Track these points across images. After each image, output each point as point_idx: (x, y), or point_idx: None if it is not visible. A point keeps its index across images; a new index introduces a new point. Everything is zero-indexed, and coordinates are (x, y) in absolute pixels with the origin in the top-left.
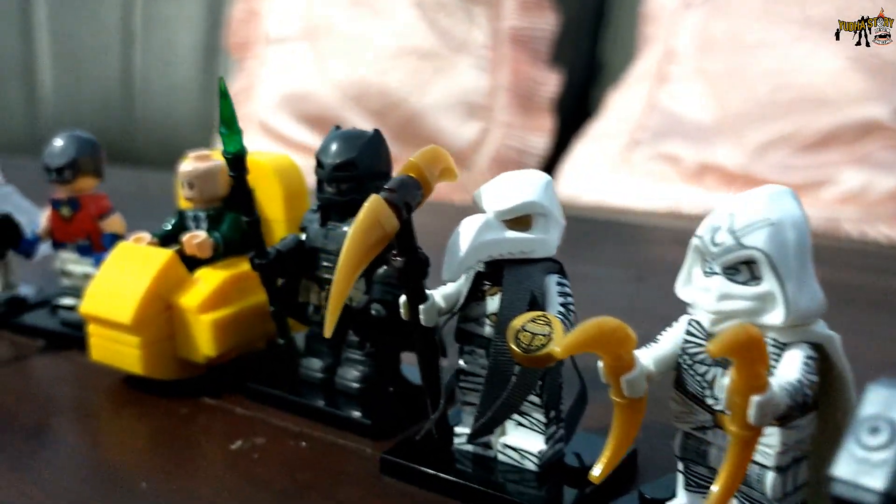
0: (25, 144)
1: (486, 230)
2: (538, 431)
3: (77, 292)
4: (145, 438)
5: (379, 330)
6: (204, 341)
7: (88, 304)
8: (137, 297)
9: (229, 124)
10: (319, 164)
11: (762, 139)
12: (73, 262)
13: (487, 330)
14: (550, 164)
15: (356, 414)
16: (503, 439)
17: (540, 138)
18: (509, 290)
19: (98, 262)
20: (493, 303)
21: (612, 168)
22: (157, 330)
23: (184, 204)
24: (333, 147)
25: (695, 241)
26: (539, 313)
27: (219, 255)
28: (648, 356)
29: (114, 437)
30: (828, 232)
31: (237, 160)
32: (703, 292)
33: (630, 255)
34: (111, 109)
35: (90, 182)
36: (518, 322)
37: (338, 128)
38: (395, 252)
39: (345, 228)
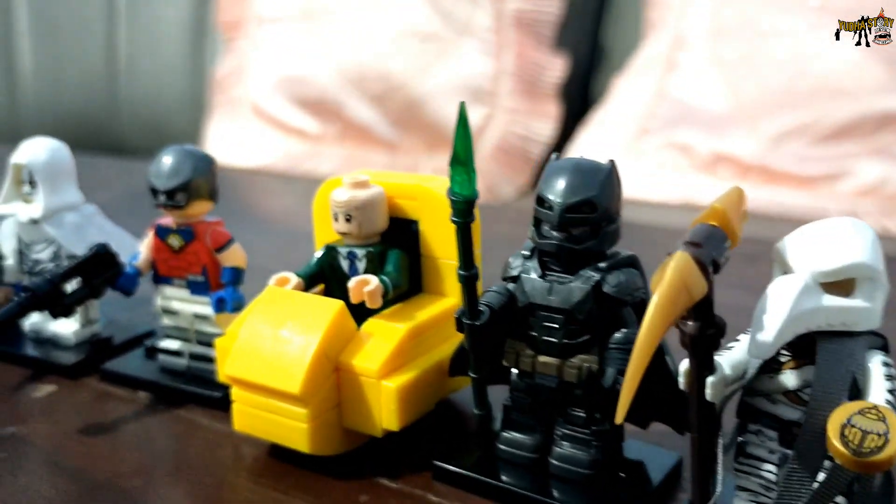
0: (4, 131)
1: (805, 297)
2: None
3: (184, 334)
4: None
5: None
6: (387, 412)
7: (236, 367)
8: (306, 360)
9: (465, 161)
10: (541, 203)
11: (778, 129)
12: (181, 301)
13: (781, 410)
14: (557, 151)
15: None
16: None
17: (545, 125)
18: (825, 371)
19: (217, 303)
20: (790, 378)
21: (621, 157)
22: (325, 399)
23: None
24: (564, 182)
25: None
26: (868, 404)
27: (386, 302)
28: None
29: None
30: None
31: (468, 205)
32: None
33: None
34: (94, 92)
35: (205, 207)
36: (842, 414)
37: (556, 156)
38: (685, 315)
39: (576, 283)
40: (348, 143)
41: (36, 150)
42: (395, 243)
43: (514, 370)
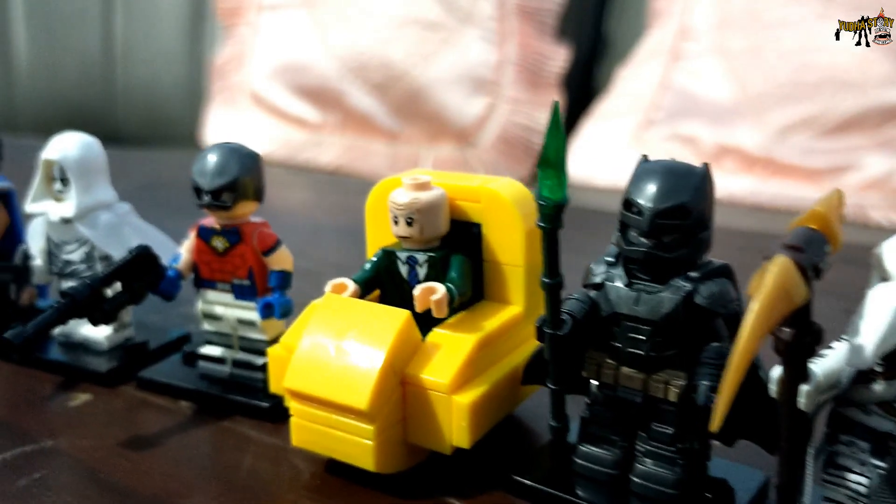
0: (1, 118)
1: None
2: None
3: (226, 340)
4: None
5: (705, 421)
6: (457, 429)
7: (296, 379)
8: (373, 374)
9: (557, 163)
10: (629, 207)
11: (784, 121)
12: (224, 306)
13: (876, 421)
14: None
15: None
16: None
17: (548, 115)
18: None
19: (264, 309)
20: (886, 388)
21: (626, 148)
22: (390, 414)
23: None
24: (655, 186)
25: None
26: None
27: (451, 310)
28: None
29: None
30: (856, 220)
31: (557, 210)
32: None
33: None
34: (90, 80)
35: (251, 207)
36: None
37: (645, 157)
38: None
39: (665, 293)
40: (349, 132)
41: (67, 146)
42: (456, 247)
43: (595, 382)
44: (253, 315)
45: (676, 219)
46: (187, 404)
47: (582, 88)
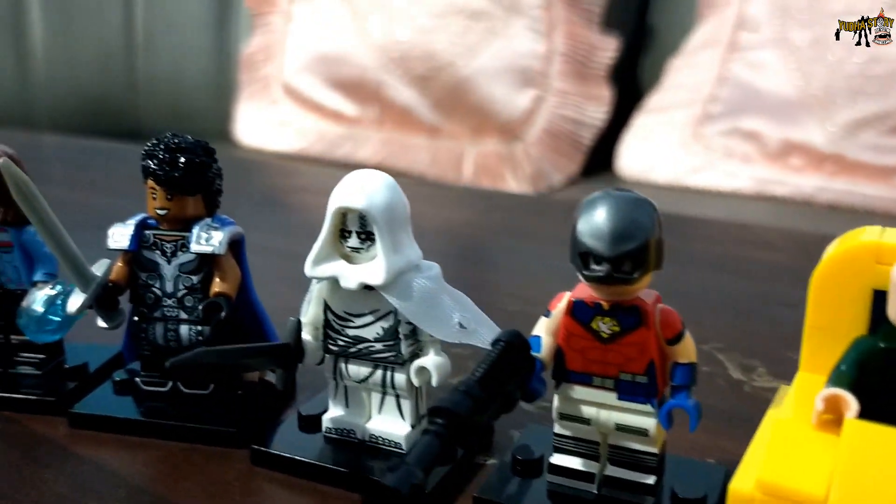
0: (15, 115)
1: None
2: None
3: (590, 450)
4: None
5: None
6: None
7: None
8: None
9: None
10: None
11: (852, 117)
12: (599, 407)
13: None
14: (607, 137)
15: None
16: None
17: (598, 109)
18: None
19: (667, 417)
20: None
21: (683, 143)
22: None
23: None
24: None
25: None
26: None
27: None
28: None
29: None
30: None
31: None
32: None
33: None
34: (110, 72)
35: (649, 278)
36: None
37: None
38: None
39: None
40: (387, 126)
41: (372, 190)
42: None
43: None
44: (643, 421)
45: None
46: None
47: (627, 81)
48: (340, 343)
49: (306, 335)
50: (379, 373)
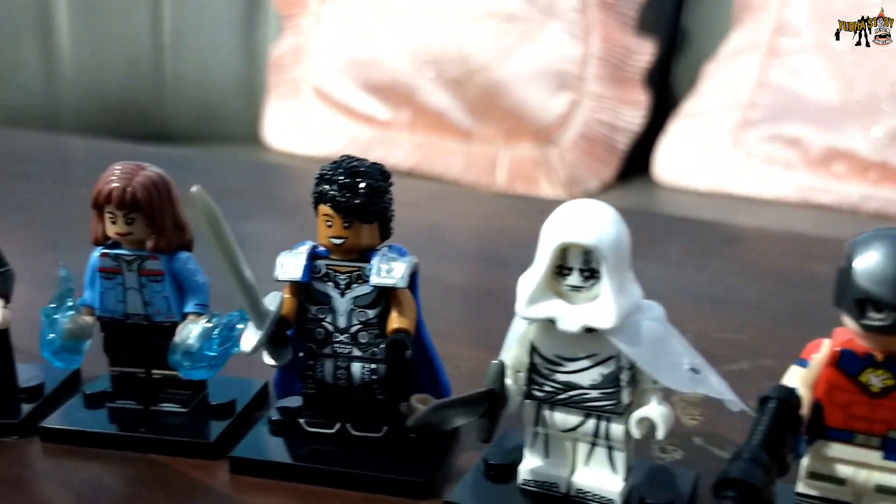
0: (41, 116)
1: None
2: None
3: None
4: None
5: None
6: None
7: None
8: None
9: None
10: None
11: None
12: (859, 466)
13: None
14: (643, 143)
15: None
16: None
17: (635, 113)
18: None
19: None
20: None
21: (723, 150)
22: None
23: None
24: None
25: None
26: None
27: None
28: None
29: None
30: None
31: None
32: None
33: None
34: (137, 72)
35: None
36: None
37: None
38: None
39: None
40: (420, 130)
41: (601, 225)
42: None
43: None
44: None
45: None
46: None
47: (661, 85)
48: (547, 389)
49: (507, 379)
50: (591, 422)
